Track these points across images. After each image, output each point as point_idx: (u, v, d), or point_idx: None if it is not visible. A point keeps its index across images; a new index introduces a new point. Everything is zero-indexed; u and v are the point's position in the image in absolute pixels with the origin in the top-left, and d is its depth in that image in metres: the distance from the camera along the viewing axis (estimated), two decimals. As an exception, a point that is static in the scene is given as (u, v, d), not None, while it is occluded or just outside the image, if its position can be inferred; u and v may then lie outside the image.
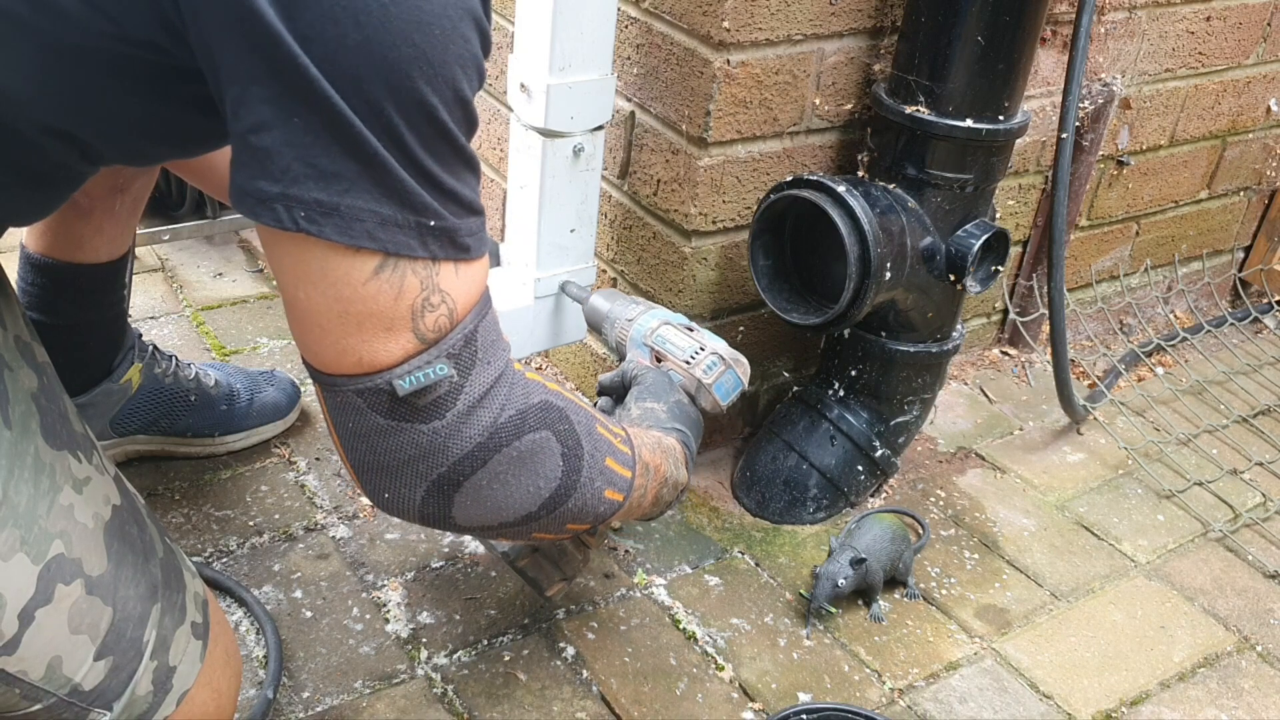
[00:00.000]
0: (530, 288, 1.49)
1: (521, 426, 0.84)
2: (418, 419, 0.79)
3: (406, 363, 0.77)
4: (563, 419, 0.89)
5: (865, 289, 1.34)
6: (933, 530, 1.58)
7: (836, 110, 1.50)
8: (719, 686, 1.31)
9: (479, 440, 0.82)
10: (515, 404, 0.84)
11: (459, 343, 0.79)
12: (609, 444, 0.96)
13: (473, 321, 0.79)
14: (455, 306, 0.78)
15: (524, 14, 1.35)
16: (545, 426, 0.87)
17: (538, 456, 0.87)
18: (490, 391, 0.82)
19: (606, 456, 0.95)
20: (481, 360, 0.81)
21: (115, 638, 0.87)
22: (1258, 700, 1.38)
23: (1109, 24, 1.72)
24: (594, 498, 0.94)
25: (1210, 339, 2.12)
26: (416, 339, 0.77)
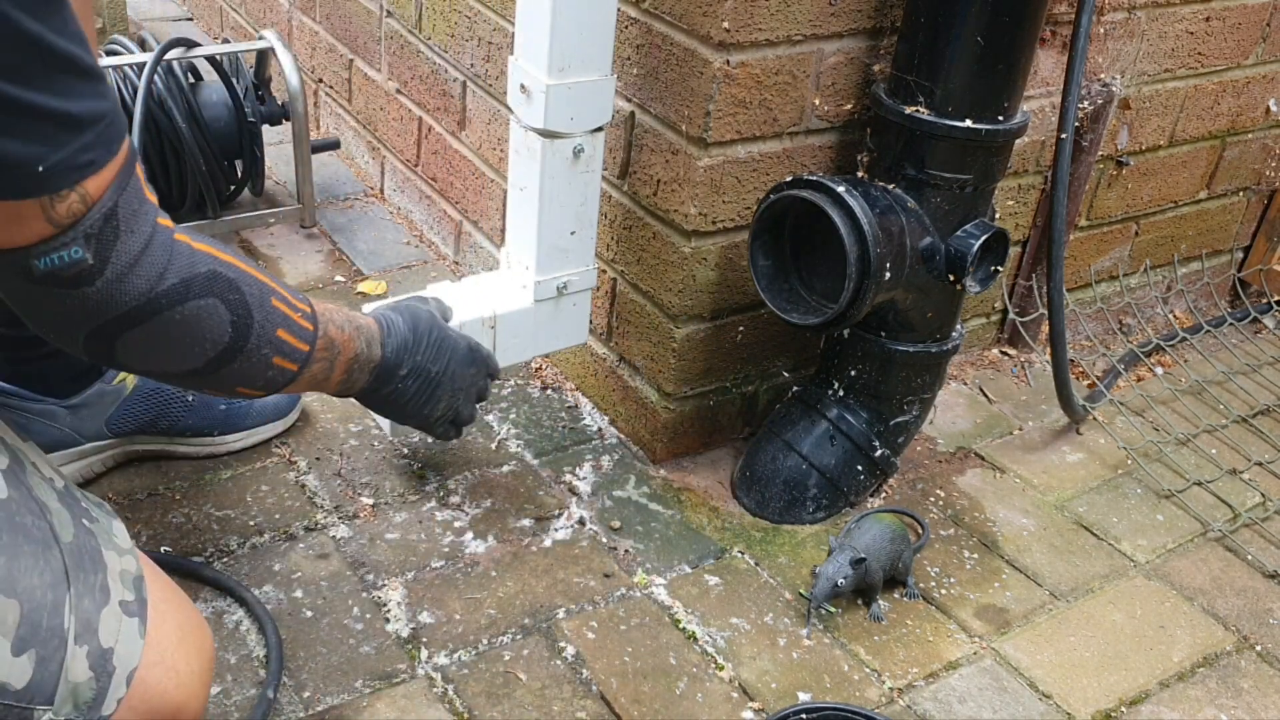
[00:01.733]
0: (530, 290, 1.49)
1: (185, 294, 0.91)
2: (71, 285, 0.84)
3: (42, 244, 0.81)
4: (232, 289, 0.96)
5: (865, 289, 1.34)
6: (932, 530, 1.58)
7: (836, 110, 1.50)
8: (719, 686, 1.31)
9: (135, 304, 0.87)
10: (178, 273, 0.90)
11: (97, 221, 0.83)
12: (284, 316, 1.03)
13: (111, 198, 0.83)
14: (88, 192, 0.81)
15: (523, 15, 1.35)
16: (212, 295, 0.93)
17: (204, 321, 0.94)
18: (141, 258, 0.87)
19: (279, 328, 1.02)
20: (125, 231, 0.85)
21: (30, 630, 0.85)
22: (1257, 700, 1.38)
23: (1108, 24, 1.72)
24: (261, 363, 1.02)
25: (1209, 339, 2.12)
26: (50, 224, 0.81)
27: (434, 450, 1.62)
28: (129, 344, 0.91)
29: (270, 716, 1.20)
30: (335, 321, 1.15)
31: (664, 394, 1.60)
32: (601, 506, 1.56)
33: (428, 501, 1.53)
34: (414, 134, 2.09)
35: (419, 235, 2.15)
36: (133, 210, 0.86)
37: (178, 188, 1.92)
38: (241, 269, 0.98)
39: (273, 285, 1.03)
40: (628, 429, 1.69)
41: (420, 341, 1.28)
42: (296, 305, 1.06)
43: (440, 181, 2.04)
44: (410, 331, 1.27)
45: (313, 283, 1.97)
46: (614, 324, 1.68)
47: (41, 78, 0.75)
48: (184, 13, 3.01)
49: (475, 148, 1.90)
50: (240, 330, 0.97)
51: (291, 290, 1.07)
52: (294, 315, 1.05)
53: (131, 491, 1.47)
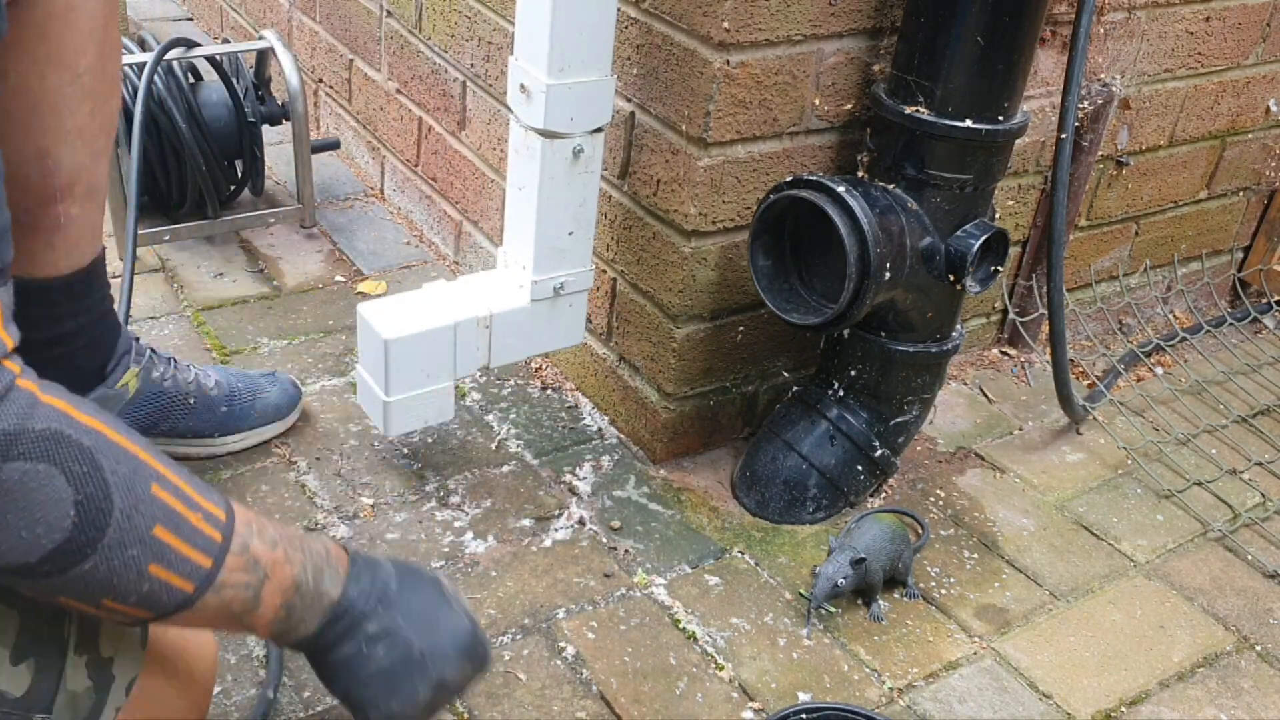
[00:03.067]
0: (527, 290, 1.49)
1: (5, 450, 0.70)
2: None
3: None
4: (83, 459, 0.73)
5: (864, 289, 1.34)
6: (932, 530, 1.58)
7: (836, 110, 1.50)
8: (719, 686, 1.31)
9: None
10: (3, 421, 0.70)
11: None
12: (169, 511, 0.79)
13: None
14: None
15: (523, 15, 1.35)
16: (47, 460, 0.72)
17: (30, 494, 0.71)
18: None
19: (158, 524, 0.78)
20: None
21: (29, 639, 0.84)
22: (1257, 700, 1.38)
23: (1108, 24, 1.72)
24: (130, 571, 0.77)
25: (1209, 339, 2.12)
26: None
27: (434, 450, 1.62)
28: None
29: (270, 716, 1.20)
30: (266, 537, 0.87)
31: (664, 394, 1.60)
32: (601, 506, 1.56)
33: (428, 501, 1.53)
34: (414, 134, 2.09)
35: (419, 235, 2.15)
36: None
37: (178, 188, 1.92)
38: (108, 438, 0.76)
39: (162, 471, 0.80)
40: (628, 429, 1.69)
41: (406, 602, 0.95)
42: (199, 503, 0.82)
43: (440, 181, 2.04)
44: (395, 582, 0.96)
45: (313, 282, 1.97)
46: (614, 324, 1.68)
47: None
48: (184, 13, 3.01)
49: (475, 148, 1.90)
50: (90, 517, 0.73)
51: (205, 487, 0.84)
52: (190, 514, 0.81)
53: (131, 491, 1.47)
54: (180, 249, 2.02)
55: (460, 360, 1.47)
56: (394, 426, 1.47)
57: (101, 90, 1.24)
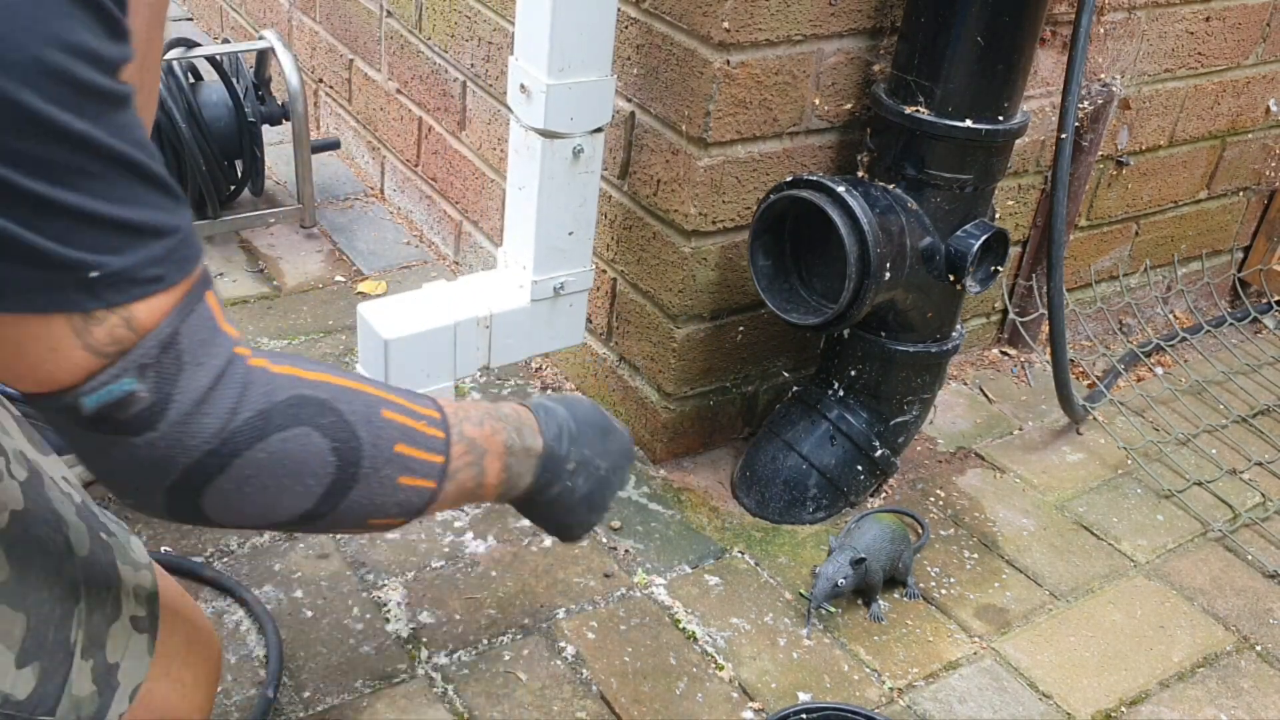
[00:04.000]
0: (527, 290, 1.49)
1: (265, 428, 0.77)
2: (130, 430, 0.72)
3: (90, 379, 0.70)
4: (326, 411, 0.82)
5: (864, 289, 1.34)
6: (932, 530, 1.58)
7: (836, 110, 1.50)
8: (719, 686, 1.31)
9: (208, 448, 0.75)
10: (254, 405, 0.77)
11: (153, 351, 0.71)
12: (402, 428, 0.88)
13: (170, 324, 0.72)
14: (135, 313, 0.70)
15: (524, 15, 1.35)
16: (299, 423, 0.80)
17: (296, 455, 0.80)
18: (210, 395, 0.74)
19: (397, 443, 0.87)
20: (190, 364, 0.73)
21: (35, 642, 0.85)
22: (1257, 700, 1.38)
23: (1108, 24, 1.72)
24: (386, 488, 0.87)
25: (1209, 339, 2.12)
26: (92, 354, 0.70)
27: (434, 450, 1.62)
28: (218, 498, 0.78)
29: (270, 716, 1.20)
30: (471, 419, 0.97)
31: (664, 394, 1.60)
32: (601, 506, 1.55)
33: (428, 501, 1.53)
34: (414, 134, 2.09)
35: (419, 235, 2.15)
36: (200, 340, 0.74)
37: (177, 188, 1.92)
38: (336, 384, 0.84)
39: (383, 395, 0.88)
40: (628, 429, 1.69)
41: (584, 432, 1.09)
42: (418, 411, 0.91)
43: (440, 181, 2.04)
44: (570, 418, 1.07)
45: (313, 282, 1.97)
46: (614, 324, 1.68)
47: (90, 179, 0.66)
48: (184, 13, 3.01)
49: (475, 148, 1.90)
50: (347, 456, 0.83)
51: (410, 394, 0.92)
52: (416, 424, 0.90)
53: (131, 491, 1.47)
54: (180, 249, 2.02)
55: (460, 360, 1.47)
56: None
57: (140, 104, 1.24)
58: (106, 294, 0.68)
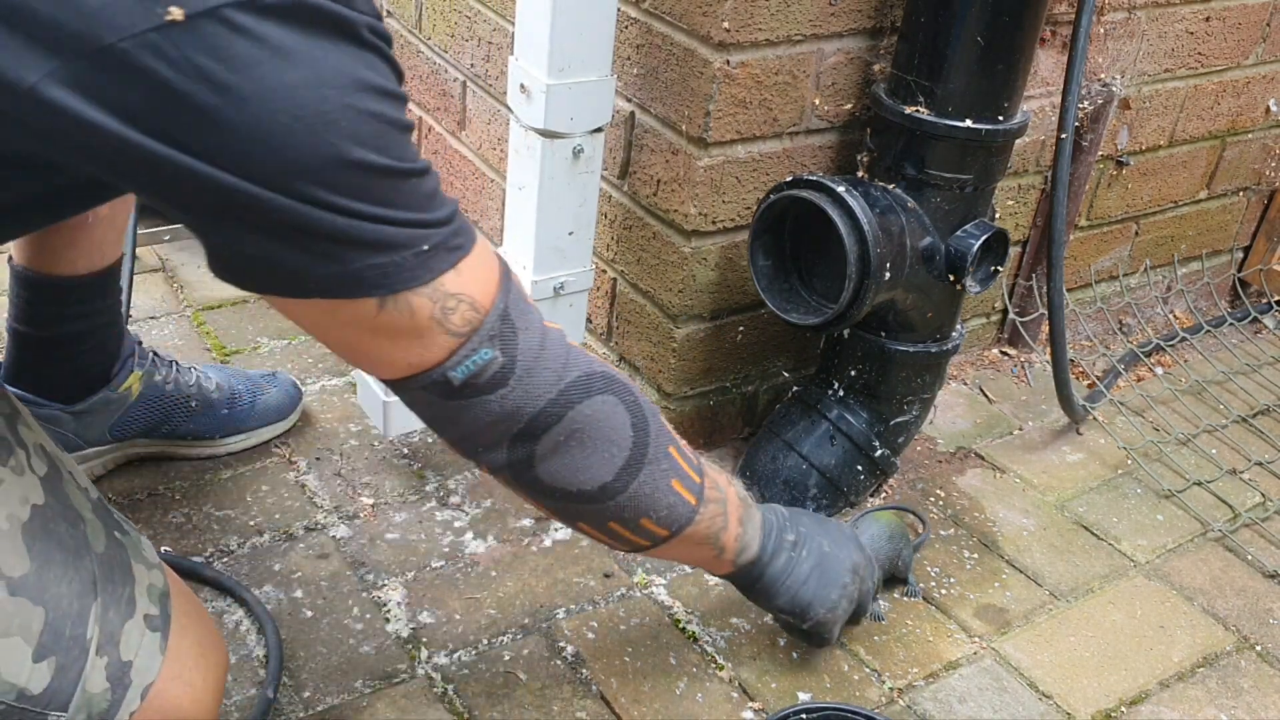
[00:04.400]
0: (527, 290, 1.49)
1: (590, 387, 0.91)
2: (485, 392, 0.87)
3: (453, 355, 0.85)
4: (626, 390, 0.94)
5: (864, 289, 1.34)
6: (932, 530, 1.58)
7: (836, 110, 1.50)
8: (719, 686, 1.31)
9: (547, 398, 0.89)
10: (579, 366, 0.91)
11: (495, 322, 0.86)
12: (671, 436, 0.98)
13: (502, 299, 0.86)
14: (475, 297, 0.84)
15: (524, 15, 1.35)
16: (610, 392, 0.92)
17: (608, 420, 0.92)
18: (541, 352, 0.89)
19: (670, 445, 0.98)
20: (522, 328, 0.87)
21: (53, 637, 0.86)
22: (1257, 700, 1.38)
23: (1108, 24, 1.72)
24: (663, 482, 0.97)
25: (1209, 339, 2.12)
26: (452, 336, 0.84)
27: (434, 450, 1.62)
28: (547, 449, 0.91)
29: (270, 716, 1.20)
30: (722, 479, 1.08)
31: (664, 394, 1.60)
32: (601, 506, 1.55)
33: (428, 501, 1.53)
34: (414, 134, 2.08)
35: (419, 235, 2.15)
36: (521, 309, 0.88)
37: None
38: (621, 375, 0.97)
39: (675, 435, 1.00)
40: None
41: (795, 514, 1.18)
42: (679, 439, 1.02)
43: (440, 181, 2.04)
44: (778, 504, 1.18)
45: (313, 283, 1.97)
46: (614, 324, 1.68)
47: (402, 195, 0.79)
48: (184, 13, 3.01)
49: (475, 148, 1.90)
50: (640, 435, 0.95)
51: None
52: (679, 440, 1.01)
53: (131, 491, 1.47)
54: (180, 249, 2.02)
55: (460, 360, 1.47)
56: (394, 426, 1.47)
57: None
58: (434, 262, 0.80)
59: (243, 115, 0.69)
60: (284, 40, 0.70)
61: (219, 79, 0.68)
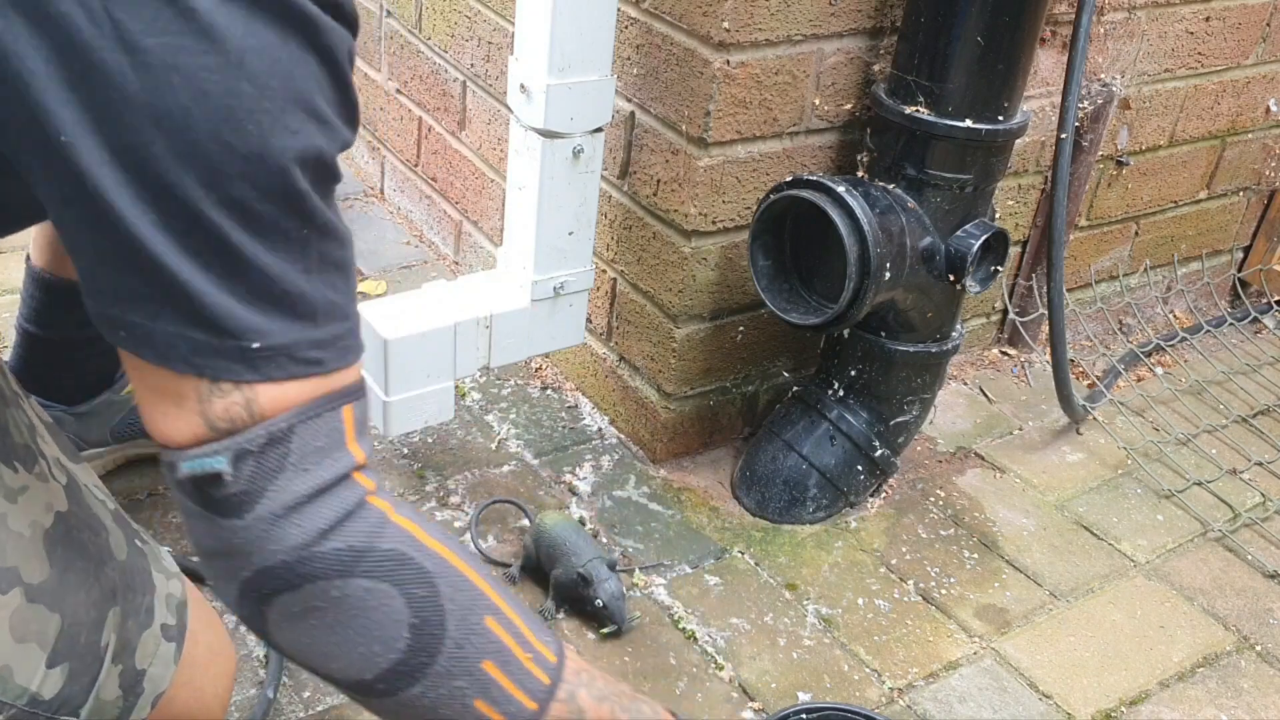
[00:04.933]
0: (527, 290, 1.49)
1: (352, 566, 0.72)
2: (217, 511, 0.71)
3: (195, 446, 0.69)
4: (424, 583, 0.74)
5: (864, 289, 1.34)
6: (932, 530, 1.58)
7: (836, 110, 1.50)
8: (719, 686, 1.31)
9: (284, 558, 0.70)
10: (351, 537, 0.72)
11: (259, 440, 0.69)
12: (500, 646, 0.77)
13: (288, 421, 0.69)
14: (256, 398, 0.68)
15: (523, 15, 1.35)
16: (389, 580, 0.73)
17: (371, 611, 0.73)
18: (305, 507, 0.70)
19: (486, 660, 0.77)
20: (295, 468, 0.70)
21: (68, 644, 0.85)
22: (1257, 700, 1.38)
23: (1108, 24, 1.72)
24: (456, 703, 0.77)
25: (1209, 339, 2.12)
26: (204, 423, 0.69)
27: (434, 450, 1.62)
28: (281, 615, 0.73)
29: (270, 716, 1.20)
30: (595, 689, 0.84)
31: (664, 394, 1.60)
32: (601, 506, 1.55)
33: (428, 501, 1.53)
34: (414, 134, 2.09)
35: (419, 235, 2.15)
36: (317, 448, 0.70)
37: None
38: (449, 564, 0.76)
39: (499, 603, 0.78)
40: (628, 429, 1.69)
41: None
42: (530, 641, 0.80)
43: (440, 181, 2.04)
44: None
45: (313, 283, 1.97)
46: (614, 324, 1.68)
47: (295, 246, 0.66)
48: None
49: (475, 148, 1.90)
50: (423, 642, 0.74)
51: (534, 621, 0.81)
52: (519, 652, 0.78)
53: (132, 491, 1.47)
54: (180, 249, 2.02)
55: (460, 360, 1.47)
56: (394, 426, 1.47)
57: None
58: (263, 366, 0.67)
59: (143, 83, 0.61)
60: (217, 18, 0.61)
61: (131, 39, 0.60)
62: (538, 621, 0.82)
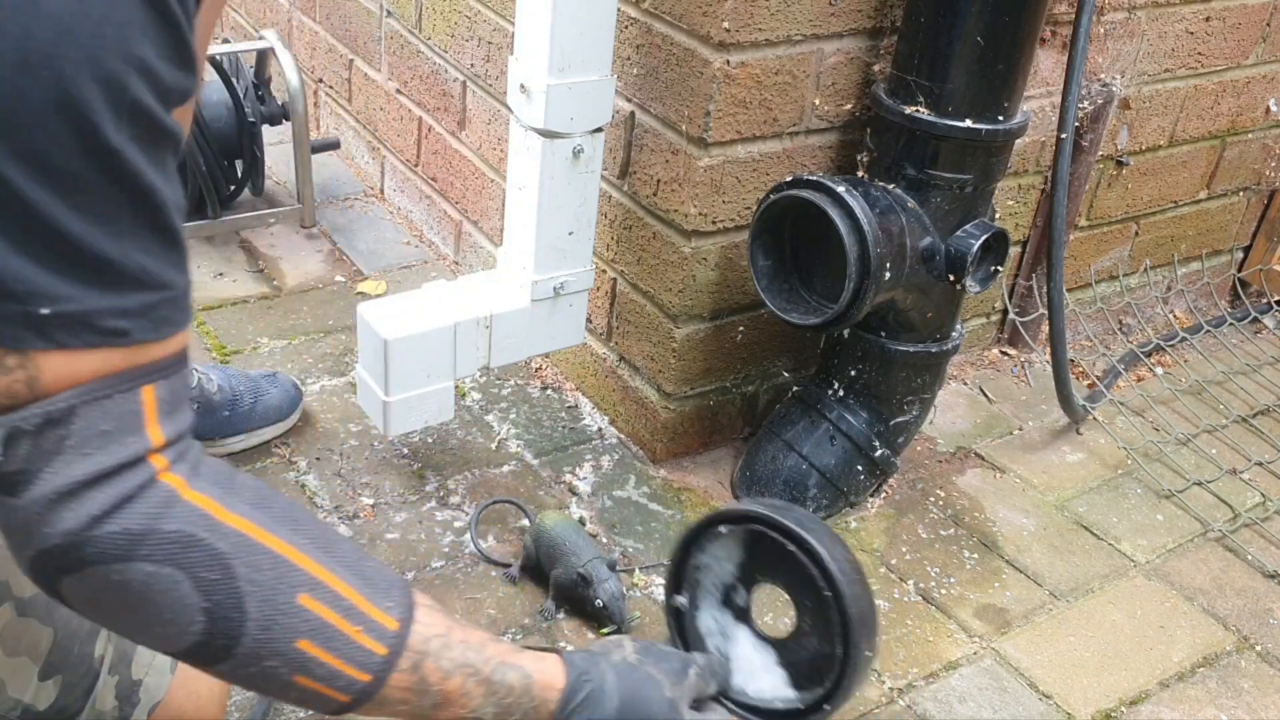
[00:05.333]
0: (527, 290, 1.49)
1: (130, 551, 0.67)
2: None
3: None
4: (214, 566, 0.69)
5: (864, 289, 1.34)
6: (932, 530, 1.58)
7: (836, 110, 1.50)
8: (719, 686, 1.31)
9: (58, 542, 0.66)
10: (128, 520, 0.66)
11: (35, 420, 0.63)
12: (318, 623, 0.73)
13: (68, 401, 0.64)
14: (39, 376, 0.63)
15: (524, 15, 1.35)
16: (173, 565, 0.68)
17: (155, 597, 0.68)
18: (83, 492, 0.65)
19: (300, 640, 0.72)
20: (74, 451, 0.65)
21: (60, 656, 0.85)
22: (1257, 700, 1.38)
23: (1108, 24, 1.72)
24: (274, 681, 0.73)
25: (1209, 339, 2.12)
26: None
27: (434, 450, 1.62)
28: (72, 593, 0.69)
29: (270, 716, 1.20)
30: (449, 657, 0.79)
31: (664, 394, 1.60)
32: (601, 506, 1.55)
33: (428, 501, 1.53)
34: (414, 134, 2.09)
35: (419, 235, 2.15)
36: (101, 431, 0.65)
37: (178, 188, 1.92)
38: (253, 541, 0.71)
39: (320, 575, 0.73)
40: (628, 429, 1.69)
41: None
42: (363, 612, 0.75)
43: (440, 181, 2.04)
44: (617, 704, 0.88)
45: (313, 282, 1.97)
46: (614, 324, 1.68)
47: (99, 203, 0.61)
48: (184, 13, 3.01)
49: (475, 148, 1.90)
50: (219, 625, 0.69)
51: (376, 588, 0.76)
52: (345, 626, 0.74)
53: (131, 491, 1.47)
54: (180, 249, 2.02)
55: (460, 360, 1.47)
56: (394, 426, 1.47)
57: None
58: (54, 334, 0.61)
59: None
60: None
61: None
62: (384, 584, 0.76)
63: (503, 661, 0.82)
